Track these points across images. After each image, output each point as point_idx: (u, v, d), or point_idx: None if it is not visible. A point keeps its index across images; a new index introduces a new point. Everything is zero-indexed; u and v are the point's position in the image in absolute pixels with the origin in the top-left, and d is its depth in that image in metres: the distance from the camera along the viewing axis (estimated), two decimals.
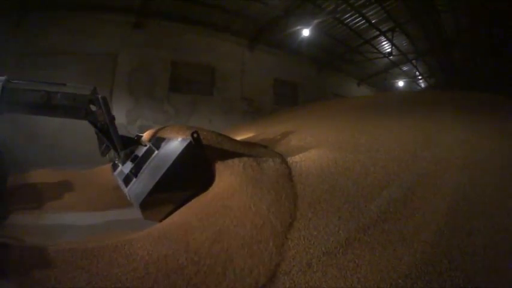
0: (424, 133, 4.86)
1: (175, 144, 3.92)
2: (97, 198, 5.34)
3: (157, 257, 2.80)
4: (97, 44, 10.99)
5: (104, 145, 4.56)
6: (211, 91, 14.17)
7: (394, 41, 17.38)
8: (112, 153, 4.60)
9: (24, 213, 4.62)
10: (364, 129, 5.28)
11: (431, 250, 2.50)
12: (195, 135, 3.76)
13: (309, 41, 15.11)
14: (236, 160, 4.03)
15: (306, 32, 14.08)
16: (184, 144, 3.77)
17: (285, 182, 3.65)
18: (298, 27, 13.95)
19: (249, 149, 4.63)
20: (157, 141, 4.30)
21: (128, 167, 4.30)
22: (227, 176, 3.80)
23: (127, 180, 4.14)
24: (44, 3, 9.85)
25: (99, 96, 4.19)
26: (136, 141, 4.82)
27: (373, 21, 15.55)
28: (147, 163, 4.07)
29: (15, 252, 2.93)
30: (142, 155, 4.26)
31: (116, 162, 4.80)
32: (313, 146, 4.80)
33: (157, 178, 3.69)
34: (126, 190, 4.13)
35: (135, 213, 3.85)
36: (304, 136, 5.57)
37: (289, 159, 4.34)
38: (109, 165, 5.47)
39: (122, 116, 11.15)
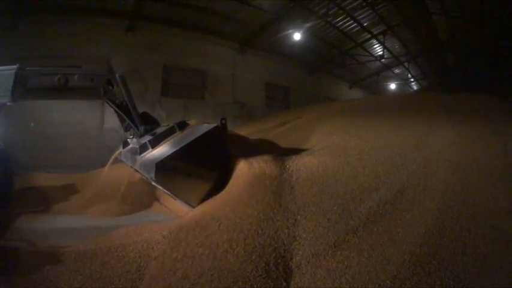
0: (414, 135, 4.88)
1: (202, 127, 4.07)
2: (104, 201, 5.33)
3: (149, 259, 2.81)
4: (90, 47, 10.88)
5: (126, 122, 4.67)
6: (202, 95, 14.13)
7: (386, 44, 17.45)
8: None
9: (33, 216, 4.61)
10: (354, 132, 5.30)
11: (420, 251, 2.52)
12: (223, 121, 3.97)
13: (300, 44, 15.06)
14: (249, 157, 4.08)
15: (297, 36, 14.05)
16: (211, 126, 3.94)
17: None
18: (290, 31, 13.90)
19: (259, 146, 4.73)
20: (181, 123, 4.40)
21: (145, 139, 4.33)
22: (241, 174, 3.84)
23: (142, 149, 4.16)
24: (38, 7, 9.79)
25: (117, 75, 4.36)
26: (158, 123, 4.92)
27: (364, 24, 15.60)
28: (167, 139, 4.16)
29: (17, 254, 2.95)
30: (164, 131, 4.32)
31: (131, 138, 4.88)
32: (303, 149, 4.81)
33: (179, 146, 3.76)
34: (137, 158, 4.14)
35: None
36: (294, 139, 5.60)
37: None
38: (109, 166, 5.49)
39: (113, 120, 10.99)
